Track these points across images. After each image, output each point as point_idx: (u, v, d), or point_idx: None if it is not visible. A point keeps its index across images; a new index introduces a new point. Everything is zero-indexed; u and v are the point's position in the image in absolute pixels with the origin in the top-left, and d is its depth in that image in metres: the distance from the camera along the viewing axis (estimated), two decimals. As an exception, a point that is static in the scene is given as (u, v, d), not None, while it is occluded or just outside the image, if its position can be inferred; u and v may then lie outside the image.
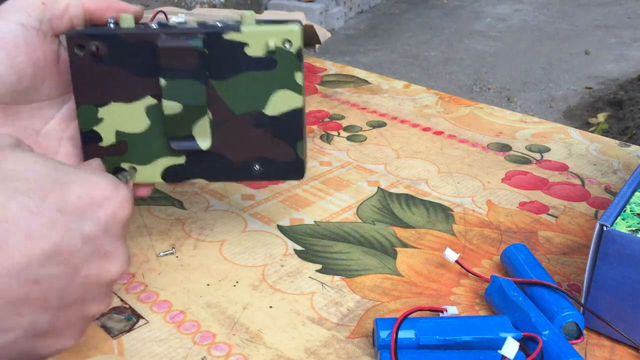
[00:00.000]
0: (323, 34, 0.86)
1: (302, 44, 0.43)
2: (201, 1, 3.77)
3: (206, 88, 0.43)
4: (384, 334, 0.38)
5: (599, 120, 2.56)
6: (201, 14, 0.82)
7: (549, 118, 2.58)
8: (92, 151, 0.44)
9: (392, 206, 0.56)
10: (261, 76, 0.43)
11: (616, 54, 3.32)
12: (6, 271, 0.28)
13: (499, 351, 0.33)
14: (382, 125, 0.72)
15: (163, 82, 0.42)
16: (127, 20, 0.42)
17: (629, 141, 2.20)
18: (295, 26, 0.42)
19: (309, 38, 0.87)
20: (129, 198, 0.34)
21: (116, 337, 0.41)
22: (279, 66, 0.43)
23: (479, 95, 2.91)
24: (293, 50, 0.42)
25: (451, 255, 0.46)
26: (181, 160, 0.45)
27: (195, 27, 0.42)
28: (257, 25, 0.42)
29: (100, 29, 0.42)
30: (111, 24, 0.43)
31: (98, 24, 0.43)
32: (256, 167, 0.45)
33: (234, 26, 0.42)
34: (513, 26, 3.81)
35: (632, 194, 0.42)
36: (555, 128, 0.72)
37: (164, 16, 0.74)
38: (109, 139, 0.44)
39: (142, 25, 0.43)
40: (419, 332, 0.38)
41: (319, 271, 0.48)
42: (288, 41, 0.42)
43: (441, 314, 0.42)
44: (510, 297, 0.41)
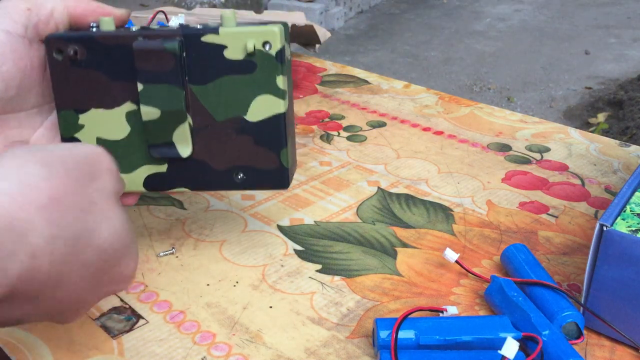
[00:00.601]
0: (323, 34, 0.86)
1: (285, 46, 0.41)
2: (201, 1, 3.76)
3: (185, 93, 0.41)
4: (384, 334, 0.38)
5: (599, 120, 2.56)
6: (201, 14, 0.82)
7: (549, 118, 2.58)
8: None
9: (392, 206, 0.56)
10: (241, 80, 0.41)
11: (616, 54, 3.32)
12: (53, 234, 0.30)
13: (499, 351, 0.33)
14: (382, 125, 0.72)
15: (140, 87, 0.41)
16: (107, 23, 0.41)
17: (629, 141, 2.21)
18: (275, 27, 0.40)
19: (309, 38, 0.87)
20: (108, 157, 0.36)
21: (116, 337, 0.41)
22: (258, 69, 0.41)
23: (479, 95, 2.91)
24: (272, 52, 0.40)
25: (451, 255, 0.46)
26: (163, 169, 0.44)
27: (174, 29, 0.41)
28: (236, 27, 0.40)
29: (79, 32, 0.41)
30: (93, 28, 0.42)
31: (81, 28, 0.42)
32: (240, 175, 0.44)
33: (213, 28, 0.40)
34: (513, 26, 3.81)
35: (632, 194, 0.42)
36: (555, 128, 0.72)
37: (164, 16, 0.74)
38: None
39: (122, 28, 0.42)
40: (419, 332, 0.38)
41: (319, 271, 0.48)
42: (267, 43, 0.40)
43: (441, 314, 0.42)
44: (510, 297, 0.41)
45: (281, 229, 0.53)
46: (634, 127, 2.35)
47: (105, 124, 0.43)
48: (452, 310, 0.42)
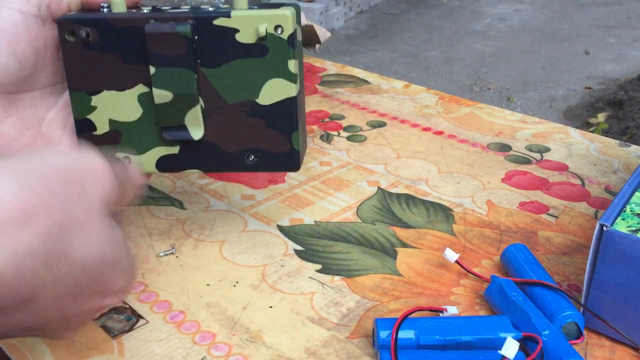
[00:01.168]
0: (323, 34, 0.86)
1: (296, 29, 0.41)
2: (201, 1, 3.76)
3: (197, 76, 0.42)
4: (384, 334, 0.38)
5: (599, 120, 2.56)
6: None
7: (549, 118, 2.58)
8: (86, 140, 0.44)
9: (392, 206, 0.56)
10: (253, 64, 0.41)
11: (616, 54, 3.32)
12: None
13: (499, 351, 0.33)
14: (382, 125, 0.72)
15: (152, 70, 0.41)
16: (118, 5, 0.41)
17: (629, 141, 2.20)
18: (287, 11, 0.40)
19: (309, 38, 0.87)
20: (107, 167, 0.34)
21: (116, 337, 0.41)
22: (270, 53, 0.41)
23: (479, 95, 2.91)
24: (284, 36, 0.40)
25: (451, 255, 0.46)
26: (175, 150, 0.44)
27: (186, 12, 0.41)
28: (248, 10, 0.40)
29: (91, 14, 0.41)
30: (104, 9, 0.42)
31: (93, 9, 0.42)
32: (250, 157, 0.44)
33: (225, 11, 0.40)
34: (513, 26, 3.81)
35: (632, 194, 0.42)
36: (555, 128, 0.72)
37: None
38: (102, 128, 0.44)
39: (134, 10, 0.42)
40: (419, 332, 0.38)
41: (319, 271, 0.48)
42: (279, 27, 0.40)
43: (441, 314, 0.42)
44: (510, 297, 0.41)
45: (281, 229, 0.53)
46: (634, 127, 2.35)
47: (118, 105, 0.43)
48: (452, 310, 0.42)
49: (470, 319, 0.40)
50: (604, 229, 0.38)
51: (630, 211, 0.40)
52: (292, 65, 0.41)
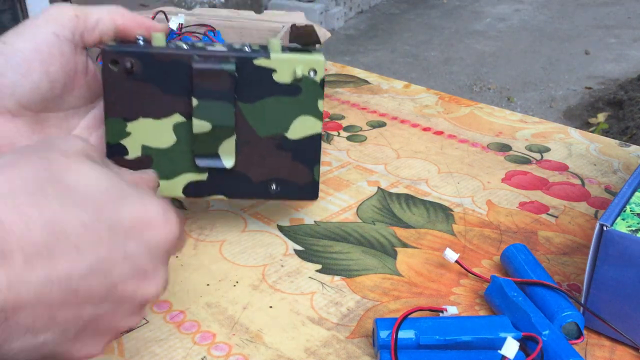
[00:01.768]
0: (323, 34, 0.86)
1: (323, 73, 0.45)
2: (201, 1, 3.77)
3: (235, 110, 0.44)
4: (384, 334, 0.38)
5: (599, 120, 2.57)
6: (201, 14, 0.82)
7: (549, 118, 2.58)
8: (117, 163, 0.45)
9: (392, 206, 0.56)
10: (286, 101, 0.45)
11: (616, 54, 3.32)
12: (50, 278, 0.29)
13: (499, 351, 0.33)
14: (382, 125, 0.72)
15: (195, 102, 0.44)
16: (158, 39, 0.44)
17: (629, 141, 2.20)
18: (321, 56, 0.45)
19: (309, 38, 0.86)
20: (176, 224, 0.35)
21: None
22: (303, 93, 0.45)
23: (479, 95, 2.91)
24: (317, 79, 0.45)
25: (451, 255, 0.46)
26: (203, 177, 0.47)
27: (224, 50, 0.44)
28: (285, 52, 0.44)
29: (135, 46, 0.44)
30: (140, 41, 0.44)
31: (128, 41, 0.45)
32: (273, 186, 0.48)
33: (264, 53, 0.44)
34: (513, 26, 3.81)
35: (632, 194, 0.42)
36: (555, 128, 0.72)
37: (164, 16, 0.74)
38: (134, 153, 0.46)
39: (172, 44, 0.44)
40: (419, 332, 0.38)
41: (319, 271, 0.48)
42: (313, 70, 0.45)
43: (441, 314, 0.42)
44: (510, 297, 0.41)
45: (281, 229, 0.53)
46: (634, 127, 2.35)
47: (152, 132, 0.45)
48: (452, 310, 0.42)
49: (470, 319, 0.40)
50: (604, 229, 0.38)
51: (630, 211, 0.40)
52: (321, 104, 0.46)
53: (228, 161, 0.46)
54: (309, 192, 0.48)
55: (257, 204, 0.56)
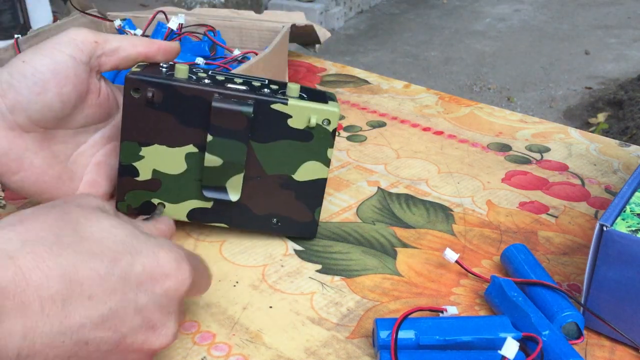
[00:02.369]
0: (323, 34, 0.86)
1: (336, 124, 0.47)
2: (201, 1, 3.77)
3: (247, 148, 0.45)
4: (384, 334, 0.38)
5: (599, 120, 2.56)
6: (201, 14, 0.82)
7: (549, 118, 2.58)
8: (127, 183, 0.47)
9: (392, 206, 0.56)
10: (297, 146, 0.47)
11: (616, 54, 3.32)
12: (63, 329, 0.30)
13: (499, 351, 0.33)
14: (382, 125, 0.72)
15: (210, 138, 0.45)
16: (181, 72, 0.45)
17: (629, 141, 2.20)
18: (336, 108, 0.46)
19: (309, 38, 0.87)
20: (188, 275, 0.35)
21: (116, 337, 0.41)
22: (314, 140, 0.47)
23: (479, 95, 2.91)
24: (330, 128, 0.46)
25: (451, 256, 0.46)
26: (208, 205, 0.48)
27: (244, 89, 0.45)
28: (302, 100, 0.46)
29: (158, 75, 0.45)
30: (163, 69, 0.46)
31: (151, 66, 0.46)
32: (274, 221, 0.49)
33: (282, 99, 0.45)
34: (513, 26, 3.81)
35: (632, 194, 0.42)
36: (555, 128, 0.72)
37: (164, 16, 0.74)
38: (145, 175, 0.47)
39: (194, 76, 0.45)
40: (419, 332, 0.38)
41: (319, 271, 0.48)
42: (327, 120, 0.46)
43: (441, 314, 0.42)
44: (510, 297, 0.41)
45: (281, 229, 0.53)
46: (634, 127, 2.35)
47: (165, 159, 0.46)
48: (452, 310, 0.42)
49: (470, 319, 0.40)
50: (604, 229, 0.38)
51: (630, 211, 0.40)
52: (330, 152, 0.47)
53: (234, 195, 0.47)
54: (308, 230, 0.50)
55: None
